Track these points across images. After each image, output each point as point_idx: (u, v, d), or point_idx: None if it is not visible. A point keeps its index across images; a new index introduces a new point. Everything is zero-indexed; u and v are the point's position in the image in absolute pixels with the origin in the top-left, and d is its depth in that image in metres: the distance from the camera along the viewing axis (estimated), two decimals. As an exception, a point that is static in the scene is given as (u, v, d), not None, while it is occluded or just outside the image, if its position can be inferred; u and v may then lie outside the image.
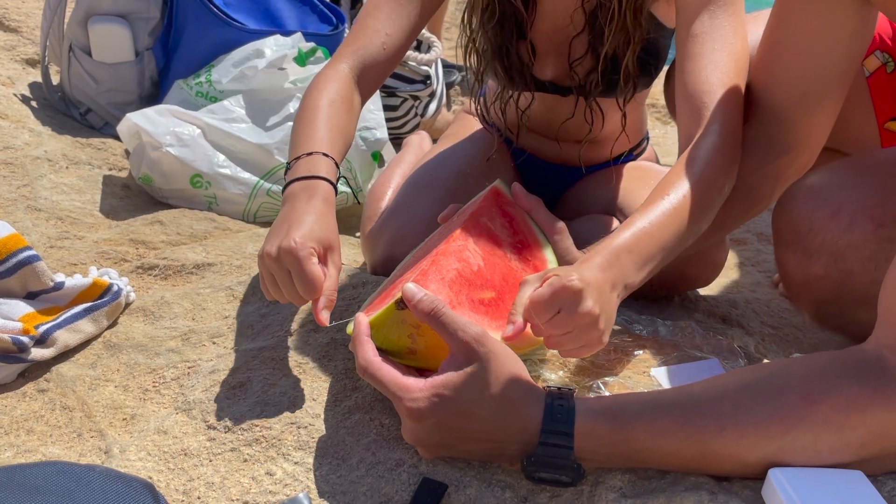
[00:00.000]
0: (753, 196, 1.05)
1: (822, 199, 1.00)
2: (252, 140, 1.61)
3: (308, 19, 1.86)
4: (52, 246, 1.34)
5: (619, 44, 1.18)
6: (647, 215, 0.91)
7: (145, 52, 1.83)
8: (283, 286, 0.89)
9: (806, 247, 1.00)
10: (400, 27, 1.16)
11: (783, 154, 1.04)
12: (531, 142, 1.48)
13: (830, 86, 1.00)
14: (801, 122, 1.02)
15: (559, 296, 0.79)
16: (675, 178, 0.95)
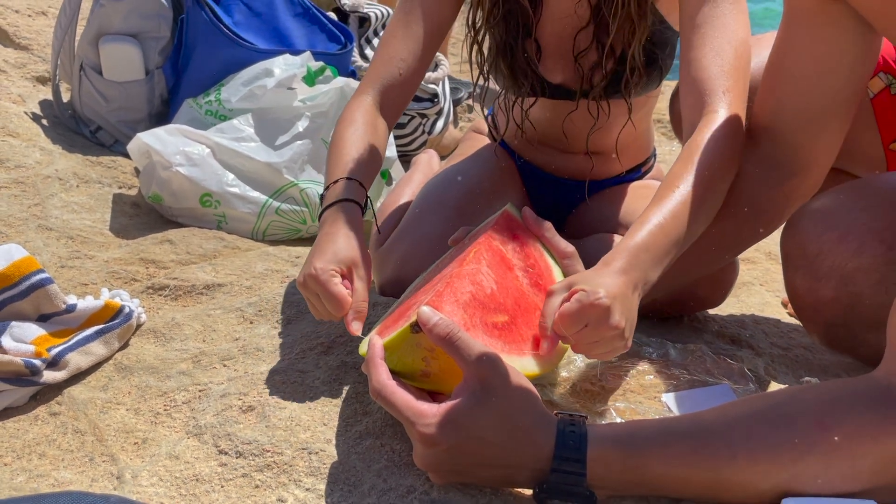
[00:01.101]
0: (763, 218, 1.06)
1: (831, 221, 1.01)
2: (261, 159, 1.62)
3: (317, 38, 1.88)
4: (63, 266, 1.35)
5: (624, 34, 1.19)
6: (661, 210, 0.93)
7: (155, 70, 1.85)
8: (317, 307, 0.99)
9: (815, 270, 1.00)
10: (412, 51, 1.21)
11: (792, 176, 1.04)
12: (538, 156, 1.48)
13: (836, 109, 1.01)
14: (808, 146, 1.03)
15: (587, 312, 0.83)
16: (683, 171, 0.97)
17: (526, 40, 1.26)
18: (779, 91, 1.03)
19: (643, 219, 0.92)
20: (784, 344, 1.34)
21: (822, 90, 1.00)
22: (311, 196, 1.64)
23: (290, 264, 1.44)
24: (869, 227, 0.98)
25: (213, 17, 1.78)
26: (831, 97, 1.00)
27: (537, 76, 1.29)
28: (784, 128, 1.04)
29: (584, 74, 1.25)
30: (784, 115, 1.03)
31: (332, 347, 1.07)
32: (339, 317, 0.98)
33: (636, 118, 1.37)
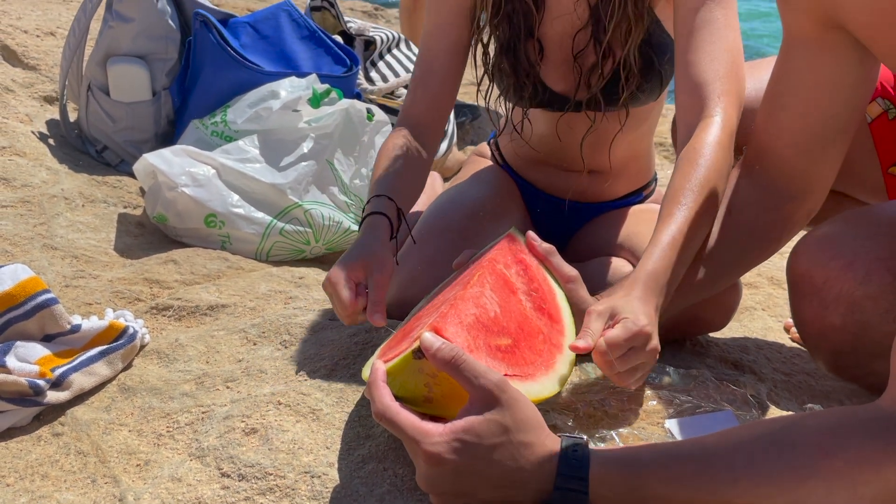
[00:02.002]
0: (763, 241, 1.07)
1: (838, 249, 1.01)
2: (266, 180, 1.63)
3: (322, 61, 1.90)
4: (68, 285, 1.36)
5: (621, 35, 1.21)
6: (670, 231, 0.98)
7: (162, 91, 1.86)
8: (336, 308, 1.07)
9: (822, 297, 1.01)
10: (434, 84, 1.30)
11: (791, 200, 1.06)
12: (540, 178, 1.49)
13: (834, 134, 1.02)
14: (807, 170, 1.04)
15: (634, 339, 0.89)
16: (685, 183, 1.00)
17: (528, 40, 1.28)
18: (777, 116, 1.05)
19: (655, 242, 0.97)
20: (787, 369, 1.34)
21: (820, 116, 1.01)
22: (315, 217, 1.65)
23: (294, 285, 1.45)
24: (876, 255, 0.99)
25: (220, 40, 1.80)
26: (830, 122, 1.01)
27: (539, 81, 1.30)
28: (783, 152, 1.05)
29: (582, 74, 1.27)
30: (783, 139, 1.05)
31: (335, 370, 1.08)
32: (347, 318, 1.05)
33: (636, 136, 1.37)
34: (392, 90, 2.04)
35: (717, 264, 1.06)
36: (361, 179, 1.76)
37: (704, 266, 1.05)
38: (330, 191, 1.71)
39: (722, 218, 1.07)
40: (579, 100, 1.30)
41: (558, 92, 1.31)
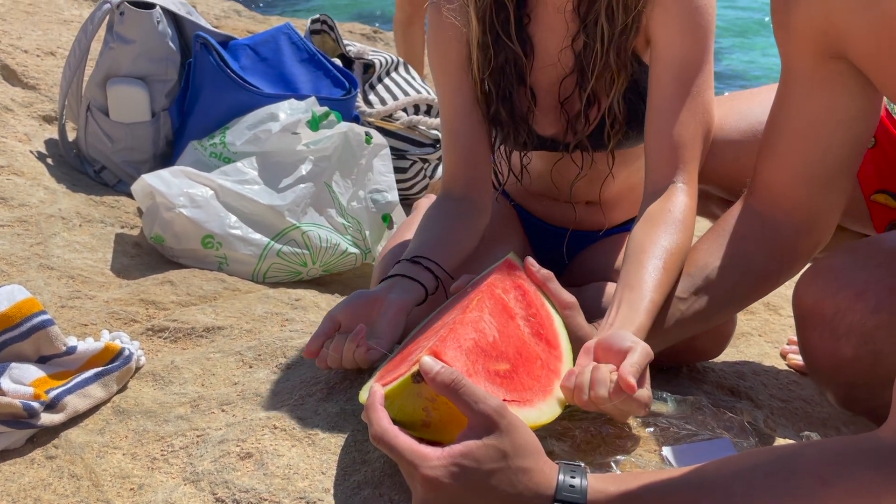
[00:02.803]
0: (764, 274, 1.06)
1: (846, 279, 1.00)
2: (264, 202, 1.64)
3: (321, 84, 1.91)
4: (64, 306, 1.35)
5: (605, 83, 1.22)
6: (647, 290, 1.01)
7: (161, 112, 1.87)
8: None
9: (833, 329, 1.00)
10: (462, 149, 1.29)
11: (793, 233, 1.05)
12: (537, 206, 1.50)
13: (837, 168, 1.01)
14: (809, 203, 1.03)
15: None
16: (661, 240, 1.05)
17: (521, 87, 1.29)
18: (778, 148, 1.04)
19: (639, 286, 1.01)
20: (784, 396, 1.34)
21: (821, 148, 1.00)
22: (313, 239, 1.65)
23: (290, 307, 1.44)
24: (886, 284, 0.98)
25: (219, 62, 1.81)
26: (831, 156, 1.00)
27: (530, 129, 1.31)
28: (784, 186, 1.04)
29: (569, 121, 1.27)
30: (784, 172, 1.04)
31: (332, 394, 1.07)
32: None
33: (630, 171, 1.38)
34: (390, 113, 2.05)
35: (717, 296, 1.06)
36: (359, 202, 1.76)
37: (702, 299, 1.05)
38: (328, 213, 1.71)
39: (723, 250, 1.07)
40: (568, 142, 1.31)
41: (548, 137, 1.32)
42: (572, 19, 1.21)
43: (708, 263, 1.06)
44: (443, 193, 1.30)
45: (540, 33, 1.25)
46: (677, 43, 1.15)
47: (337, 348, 1.02)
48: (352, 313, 1.07)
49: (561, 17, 1.22)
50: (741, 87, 7.10)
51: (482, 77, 1.27)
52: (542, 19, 1.25)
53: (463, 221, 1.25)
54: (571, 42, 1.22)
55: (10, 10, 2.72)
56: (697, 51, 1.15)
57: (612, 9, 1.16)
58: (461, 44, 1.27)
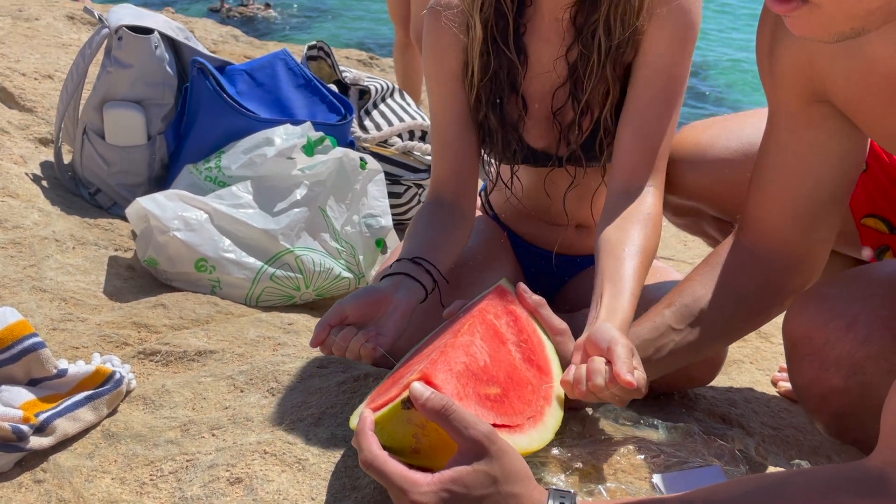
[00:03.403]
0: (754, 308, 1.07)
1: (838, 309, 1.00)
2: (258, 225, 1.64)
3: (317, 109, 1.92)
4: (55, 328, 1.35)
5: (599, 95, 1.24)
6: (627, 280, 1.06)
7: (157, 136, 1.88)
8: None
9: (823, 359, 1.00)
10: (452, 155, 1.33)
11: (783, 269, 1.05)
12: (528, 230, 1.51)
13: (824, 206, 1.02)
14: (799, 240, 1.04)
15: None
16: (648, 243, 1.11)
17: (512, 96, 1.31)
18: (767, 187, 1.05)
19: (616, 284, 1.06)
20: (775, 423, 1.34)
21: (808, 188, 1.01)
22: (306, 263, 1.65)
23: (283, 331, 1.44)
24: (877, 315, 0.98)
25: (216, 87, 1.82)
26: (818, 194, 1.01)
27: (521, 141, 1.33)
28: (773, 223, 1.05)
29: (561, 131, 1.29)
30: (772, 211, 1.05)
31: (322, 419, 1.07)
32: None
33: None
34: (385, 139, 2.06)
35: (711, 328, 1.06)
36: (353, 226, 1.77)
37: (696, 330, 1.06)
38: (321, 237, 1.72)
39: (716, 283, 1.07)
40: (560, 156, 1.32)
41: (539, 149, 1.34)
42: (568, 31, 1.25)
43: (702, 296, 1.07)
44: (432, 197, 1.33)
45: (534, 43, 1.28)
46: (667, 55, 1.20)
47: (346, 339, 1.06)
48: (361, 308, 1.09)
49: (557, 29, 1.25)
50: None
51: (478, 84, 1.29)
52: (538, 30, 1.27)
53: (454, 230, 1.29)
54: (566, 52, 1.25)
55: (9, 33, 2.74)
56: (683, 65, 1.21)
57: (610, 23, 1.20)
58: (457, 51, 1.29)
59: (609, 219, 1.16)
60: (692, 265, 2.15)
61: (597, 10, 1.20)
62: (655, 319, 1.08)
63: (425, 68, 1.36)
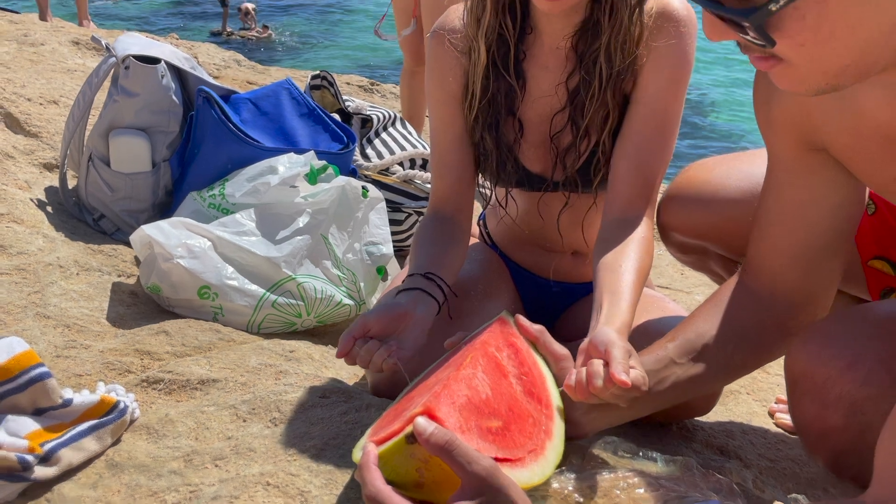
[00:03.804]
0: (756, 346, 1.08)
1: (838, 349, 1.01)
2: (261, 253, 1.66)
3: (320, 138, 1.95)
4: (59, 356, 1.36)
5: (598, 120, 1.28)
6: (626, 290, 1.12)
7: (162, 163, 1.90)
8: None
9: (823, 397, 1.01)
10: (450, 174, 1.38)
11: (784, 311, 1.07)
12: (526, 258, 1.52)
13: (823, 251, 1.04)
14: (799, 284, 1.06)
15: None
16: (642, 266, 1.17)
17: (509, 118, 1.34)
18: (767, 232, 1.07)
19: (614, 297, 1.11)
20: (772, 455, 1.35)
21: (807, 233, 1.03)
22: (308, 290, 1.67)
23: (284, 359, 1.45)
24: (877, 356, 0.99)
25: (221, 116, 1.85)
26: (818, 240, 1.03)
27: (516, 163, 1.35)
28: (775, 267, 1.07)
29: (558, 154, 1.32)
30: (774, 254, 1.07)
31: (325, 450, 1.08)
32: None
33: None
34: (387, 167, 2.09)
35: (712, 363, 1.07)
36: (354, 254, 1.78)
37: (697, 364, 1.07)
38: (323, 265, 1.73)
39: (719, 320, 1.09)
40: (556, 180, 1.35)
41: (535, 173, 1.36)
42: (569, 58, 1.29)
43: (704, 331, 1.08)
44: (432, 212, 1.39)
45: (533, 69, 1.32)
46: (664, 91, 1.25)
47: (370, 351, 1.11)
48: (384, 322, 1.15)
49: (556, 56, 1.30)
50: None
51: (478, 106, 1.33)
52: (538, 56, 1.32)
53: (455, 245, 1.34)
54: (566, 79, 1.29)
55: (14, 58, 2.77)
56: (678, 102, 1.27)
57: (611, 51, 1.24)
58: (458, 74, 1.34)
59: (605, 244, 1.21)
60: (688, 294, 2.18)
61: (598, 39, 1.24)
62: (658, 352, 1.09)
63: (427, 89, 1.39)
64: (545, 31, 1.29)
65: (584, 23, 1.26)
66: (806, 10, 0.69)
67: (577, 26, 1.27)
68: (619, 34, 1.23)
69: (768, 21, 0.71)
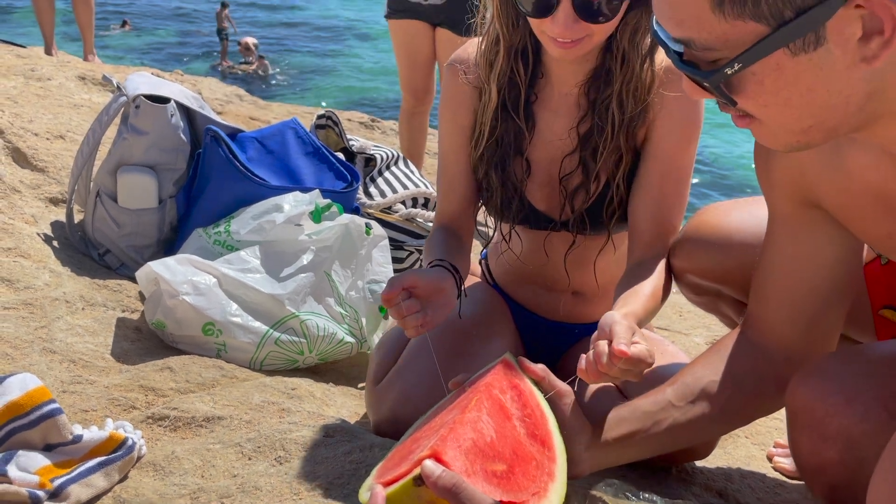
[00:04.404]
0: (753, 394, 1.10)
1: (838, 385, 1.03)
2: (265, 290, 1.68)
3: (325, 176, 1.98)
4: (65, 391, 1.37)
5: (610, 164, 1.33)
6: (637, 299, 1.21)
7: (168, 199, 1.93)
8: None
9: (821, 431, 1.03)
10: (456, 199, 1.45)
11: (782, 363, 1.09)
12: (529, 298, 1.54)
13: (821, 306, 1.07)
14: (797, 338, 1.08)
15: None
16: (650, 280, 1.26)
17: (517, 158, 1.38)
18: (766, 286, 1.10)
19: (632, 305, 1.18)
20: (770, 499, 1.36)
21: (804, 288, 1.06)
22: (311, 328, 1.69)
23: (287, 396, 1.47)
24: (875, 394, 1.01)
25: (228, 154, 1.88)
26: (816, 295, 1.06)
27: (522, 200, 1.39)
28: (773, 321, 1.10)
29: (566, 196, 1.36)
30: (773, 309, 1.10)
31: (330, 490, 1.09)
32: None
33: (621, 254, 1.45)
34: (389, 205, 2.12)
35: (710, 408, 1.09)
36: (357, 291, 1.81)
37: (694, 408, 1.09)
38: (326, 302, 1.75)
39: (718, 367, 1.11)
40: (564, 220, 1.38)
41: (541, 211, 1.39)
42: (579, 104, 1.34)
43: (703, 376, 1.11)
44: (438, 224, 1.47)
45: (543, 112, 1.37)
46: (675, 148, 1.32)
47: (410, 309, 1.18)
48: (429, 288, 1.21)
49: (566, 102, 1.35)
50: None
51: (485, 144, 1.37)
52: (548, 101, 1.36)
53: (459, 254, 1.41)
54: (577, 124, 1.34)
55: (22, 92, 2.81)
56: (690, 156, 1.33)
57: (623, 98, 1.30)
58: (469, 109, 1.40)
59: (626, 282, 1.28)
60: (687, 336, 2.20)
61: (610, 86, 1.29)
62: (657, 396, 1.12)
63: (441, 115, 1.45)
64: (556, 77, 1.34)
65: (596, 70, 1.30)
66: (764, 76, 0.76)
67: (589, 74, 1.31)
68: (631, 82, 1.28)
69: (729, 82, 0.78)
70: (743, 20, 0.73)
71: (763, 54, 0.74)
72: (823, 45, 0.73)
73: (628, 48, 1.27)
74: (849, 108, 0.77)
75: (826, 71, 0.74)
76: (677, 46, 0.79)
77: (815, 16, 0.71)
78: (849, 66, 0.74)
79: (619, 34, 1.26)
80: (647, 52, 1.27)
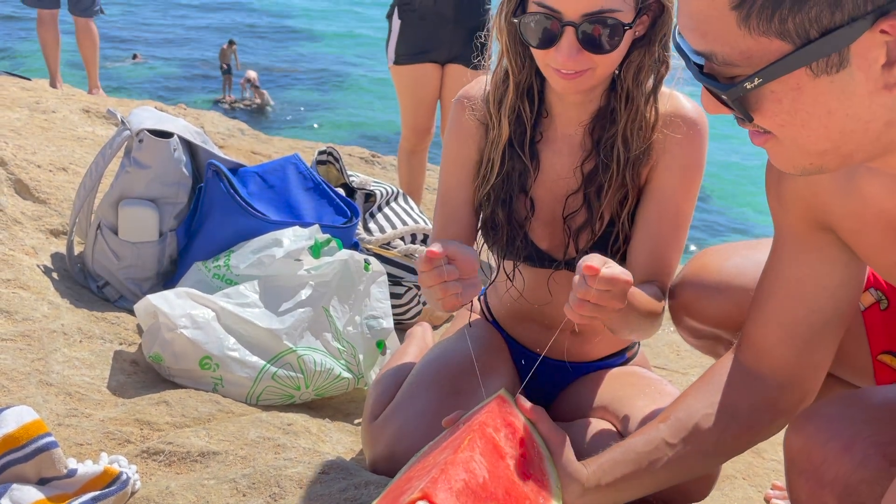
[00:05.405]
0: (746, 425, 1.10)
1: (835, 431, 1.03)
2: (263, 325, 1.68)
3: (325, 211, 2.00)
4: (61, 424, 1.37)
5: (615, 202, 1.35)
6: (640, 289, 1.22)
7: (168, 232, 1.94)
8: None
9: (819, 477, 1.02)
10: (454, 232, 1.46)
11: (776, 389, 1.09)
12: (527, 335, 1.55)
13: (818, 331, 1.07)
14: (792, 362, 1.08)
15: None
16: (650, 288, 1.30)
17: (520, 196, 1.39)
18: (765, 308, 1.10)
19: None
20: (768, 542, 1.35)
21: (805, 310, 1.06)
22: (307, 363, 1.69)
23: (282, 432, 1.46)
24: (873, 440, 1.01)
25: (230, 188, 1.90)
26: (815, 318, 1.06)
27: (526, 238, 1.40)
28: (769, 343, 1.10)
29: (570, 234, 1.37)
30: (770, 331, 1.10)
31: (325, 527, 1.08)
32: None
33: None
34: (388, 241, 2.13)
35: (704, 442, 1.09)
36: (355, 327, 1.81)
37: (692, 444, 1.09)
38: (324, 337, 1.75)
39: (711, 398, 1.11)
40: (569, 259, 1.39)
41: (543, 250, 1.40)
42: (583, 144, 1.36)
43: (696, 410, 1.11)
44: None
45: (546, 151, 1.39)
46: (677, 191, 1.34)
47: (451, 275, 1.14)
48: (467, 262, 1.17)
49: (570, 142, 1.37)
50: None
51: (493, 181, 1.39)
52: (553, 140, 1.38)
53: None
54: (582, 163, 1.36)
55: (26, 124, 2.84)
56: (690, 200, 1.36)
57: (627, 135, 1.32)
58: (476, 145, 1.41)
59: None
60: (685, 375, 2.20)
61: (615, 126, 1.32)
62: (651, 434, 1.11)
63: (446, 148, 1.47)
64: (560, 116, 1.36)
65: (601, 111, 1.33)
66: (783, 94, 0.75)
67: (593, 114, 1.34)
68: (636, 120, 1.31)
69: (746, 98, 0.77)
70: (768, 37, 0.73)
71: (784, 72, 0.73)
72: (846, 67, 0.72)
73: (632, 86, 1.29)
74: (867, 135, 0.77)
75: (847, 94, 0.74)
76: (698, 59, 0.78)
77: (839, 37, 0.70)
78: (871, 92, 0.73)
79: (623, 73, 1.29)
80: (651, 91, 1.30)
